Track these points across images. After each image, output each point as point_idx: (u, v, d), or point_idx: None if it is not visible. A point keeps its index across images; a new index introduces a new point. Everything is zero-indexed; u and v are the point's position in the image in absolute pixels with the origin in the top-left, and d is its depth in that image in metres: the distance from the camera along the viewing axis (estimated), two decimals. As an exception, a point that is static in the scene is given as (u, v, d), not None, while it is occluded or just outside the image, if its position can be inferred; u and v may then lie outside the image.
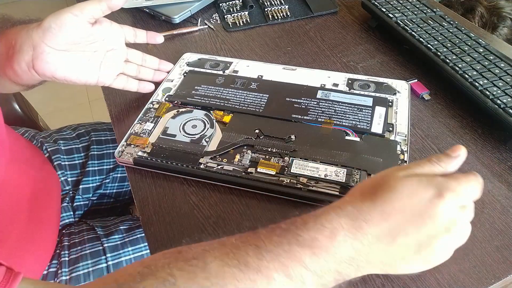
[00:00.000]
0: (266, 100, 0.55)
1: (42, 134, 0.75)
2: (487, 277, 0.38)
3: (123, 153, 0.50)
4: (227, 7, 0.75)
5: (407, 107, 0.53)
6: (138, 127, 0.52)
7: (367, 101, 0.54)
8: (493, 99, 0.50)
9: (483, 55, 0.57)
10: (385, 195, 0.32)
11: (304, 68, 0.60)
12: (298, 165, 0.46)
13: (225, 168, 0.47)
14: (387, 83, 0.57)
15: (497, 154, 0.49)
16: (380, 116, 0.52)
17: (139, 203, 0.46)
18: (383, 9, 0.67)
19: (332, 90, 0.56)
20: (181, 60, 0.63)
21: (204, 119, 0.53)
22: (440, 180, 0.33)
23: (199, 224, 0.44)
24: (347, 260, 0.31)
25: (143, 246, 0.63)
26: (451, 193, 0.32)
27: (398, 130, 0.50)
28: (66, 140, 0.74)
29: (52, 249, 0.60)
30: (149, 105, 0.55)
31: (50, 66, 0.47)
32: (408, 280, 0.38)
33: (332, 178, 0.45)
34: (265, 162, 0.47)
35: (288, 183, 0.45)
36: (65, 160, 0.71)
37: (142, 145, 0.50)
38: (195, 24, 0.72)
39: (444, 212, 0.32)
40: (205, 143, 0.49)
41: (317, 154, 0.47)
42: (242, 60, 0.62)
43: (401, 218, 0.32)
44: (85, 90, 1.92)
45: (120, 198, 0.77)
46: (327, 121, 0.51)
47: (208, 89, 0.57)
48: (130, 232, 0.64)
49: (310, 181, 0.45)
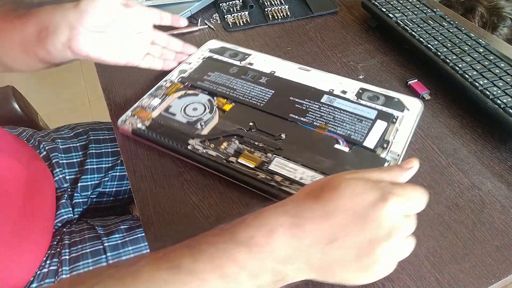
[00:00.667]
0: (270, 96, 0.55)
1: (40, 133, 0.75)
2: (487, 277, 0.38)
3: (125, 122, 0.53)
4: (227, 7, 0.76)
5: (412, 127, 0.50)
6: (146, 101, 0.55)
7: (370, 113, 0.52)
8: (493, 99, 0.50)
9: (483, 55, 0.57)
10: (328, 194, 0.32)
11: (318, 71, 0.59)
12: (278, 163, 0.46)
13: (209, 152, 0.48)
14: (399, 98, 0.54)
15: (497, 154, 0.49)
16: (378, 130, 0.50)
17: (139, 203, 0.46)
18: (383, 9, 0.67)
19: (338, 96, 0.55)
20: (205, 45, 0.65)
21: (206, 104, 0.54)
22: (386, 185, 0.32)
23: (199, 224, 0.44)
24: (285, 259, 0.30)
25: (144, 246, 0.63)
26: (396, 198, 0.31)
27: (392, 148, 0.48)
28: (64, 139, 0.74)
29: (47, 243, 0.60)
30: (162, 82, 0.58)
31: (86, 47, 0.49)
32: (408, 280, 0.38)
33: (306, 182, 0.44)
34: (248, 154, 0.47)
35: (262, 178, 0.45)
36: (63, 158, 0.72)
37: (143, 118, 0.53)
38: (195, 24, 0.72)
39: (386, 216, 0.31)
40: (199, 127, 0.51)
41: (300, 156, 0.47)
42: (261, 54, 0.63)
43: (342, 218, 0.31)
44: (85, 90, 1.92)
45: (119, 197, 0.77)
46: (322, 126, 0.50)
47: (219, 76, 0.58)
48: (131, 231, 0.64)
49: (285, 181, 0.45)
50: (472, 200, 0.45)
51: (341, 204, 0.31)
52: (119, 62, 0.54)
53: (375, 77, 0.61)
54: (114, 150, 0.76)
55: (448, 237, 0.41)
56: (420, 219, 0.43)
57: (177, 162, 0.50)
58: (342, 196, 0.31)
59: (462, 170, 0.48)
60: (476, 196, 0.45)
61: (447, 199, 0.45)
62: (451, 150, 0.50)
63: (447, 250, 0.40)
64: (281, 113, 0.52)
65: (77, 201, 0.71)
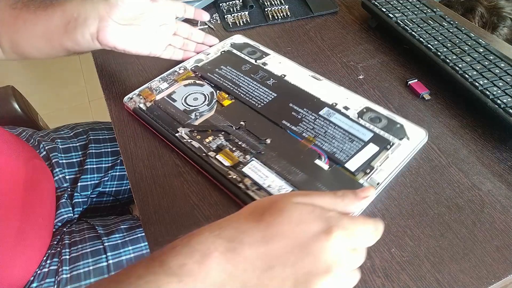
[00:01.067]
0: (271, 99, 0.55)
1: (40, 133, 0.75)
2: (487, 277, 0.38)
3: (131, 100, 0.56)
4: (227, 7, 0.76)
5: (405, 158, 0.47)
6: (155, 83, 0.58)
7: (365, 135, 0.49)
8: (493, 99, 0.50)
9: (483, 55, 0.57)
10: (272, 217, 0.30)
11: (330, 82, 0.57)
12: (252, 167, 0.46)
13: (193, 143, 0.49)
14: (403, 125, 0.50)
15: (497, 154, 0.50)
16: (366, 154, 0.47)
17: (139, 203, 0.46)
18: (383, 9, 0.67)
19: (339, 111, 0.52)
20: (229, 39, 0.66)
21: (207, 96, 0.55)
22: (334, 215, 0.30)
23: (199, 224, 0.43)
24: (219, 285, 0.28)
25: (144, 246, 0.63)
26: (341, 231, 0.29)
27: (375, 176, 0.45)
28: (64, 139, 0.74)
29: (47, 243, 0.60)
30: (177, 68, 0.60)
31: (113, 38, 0.51)
32: (408, 280, 0.38)
33: (272, 192, 0.44)
34: (228, 152, 0.48)
35: (232, 178, 0.45)
36: (62, 158, 0.72)
37: (147, 99, 0.55)
38: (195, 24, 0.72)
39: (328, 249, 0.29)
40: (193, 117, 0.53)
41: (277, 164, 0.46)
42: (279, 56, 0.62)
43: (281, 245, 0.29)
44: (85, 90, 1.92)
45: (119, 197, 0.77)
46: (310, 138, 0.49)
47: (230, 71, 0.59)
48: (131, 231, 0.64)
49: (253, 185, 0.44)
50: (472, 200, 0.45)
51: (283, 230, 0.29)
52: (142, 52, 0.56)
53: (375, 77, 0.61)
54: (114, 150, 0.76)
55: (448, 237, 0.41)
56: (420, 219, 0.43)
57: (177, 162, 0.50)
58: (286, 222, 0.29)
59: (462, 170, 0.48)
60: (476, 196, 0.45)
61: (447, 199, 0.45)
62: (451, 150, 0.50)
63: (447, 250, 0.40)
64: (274, 117, 0.52)
65: (77, 201, 0.71)
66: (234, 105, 0.54)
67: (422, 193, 0.45)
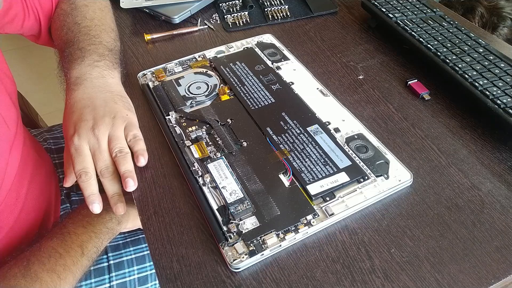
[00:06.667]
0: (267, 103, 0.54)
1: (34, 132, 0.75)
2: (487, 277, 0.38)
3: (144, 76, 0.60)
4: (227, 7, 0.76)
5: (374, 199, 0.44)
6: (171, 66, 0.61)
7: (342, 162, 0.46)
8: (493, 99, 0.50)
9: (483, 55, 0.57)
10: None
11: (335, 99, 0.55)
12: (217, 165, 0.47)
13: (176, 129, 0.51)
14: (389, 161, 0.47)
15: (497, 154, 0.50)
16: (333, 182, 0.44)
17: (139, 203, 0.46)
18: (383, 9, 0.67)
19: (328, 132, 0.50)
20: (258, 37, 0.67)
21: (211, 87, 0.57)
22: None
23: (199, 224, 0.44)
24: None
25: (145, 247, 0.63)
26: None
27: (331, 206, 0.43)
28: (57, 138, 0.74)
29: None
30: (196, 55, 0.63)
31: None
32: (408, 280, 0.38)
33: (224, 194, 0.43)
34: (202, 145, 0.49)
35: (194, 170, 0.47)
36: (55, 158, 0.72)
37: (157, 78, 0.59)
38: (195, 24, 0.72)
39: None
40: (188, 104, 0.54)
41: (241, 168, 0.46)
42: (297, 63, 0.61)
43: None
44: (85, 90, 1.91)
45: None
46: (284, 151, 0.48)
47: (242, 68, 0.60)
48: (132, 232, 0.64)
49: (212, 182, 0.45)
50: (471, 200, 0.45)
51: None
52: None
53: (374, 77, 0.61)
54: None
55: (448, 238, 0.41)
56: (420, 219, 0.43)
57: (177, 162, 0.50)
58: None
59: (462, 170, 0.48)
60: (476, 196, 0.45)
61: (447, 199, 0.45)
62: (451, 150, 0.50)
63: (446, 250, 0.40)
64: (261, 122, 0.52)
65: (74, 199, 0.71)
66: (230, 102, 0.55)
67: (422, 193, 0.45)
